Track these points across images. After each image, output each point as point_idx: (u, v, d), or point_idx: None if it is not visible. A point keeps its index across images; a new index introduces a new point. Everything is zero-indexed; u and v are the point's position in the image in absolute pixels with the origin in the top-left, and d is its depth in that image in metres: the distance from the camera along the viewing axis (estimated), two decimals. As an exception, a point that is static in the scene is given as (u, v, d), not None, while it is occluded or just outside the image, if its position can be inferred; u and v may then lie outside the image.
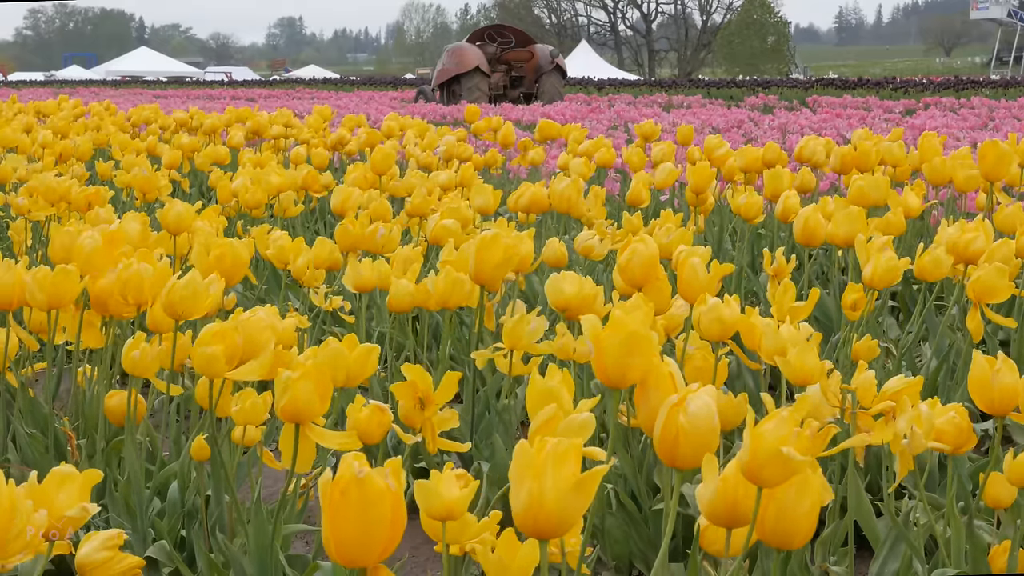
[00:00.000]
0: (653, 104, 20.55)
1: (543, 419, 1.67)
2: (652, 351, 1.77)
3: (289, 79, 51.44)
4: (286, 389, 1.98)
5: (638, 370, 1.77)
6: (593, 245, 3.57)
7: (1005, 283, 2.92)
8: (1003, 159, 4.46)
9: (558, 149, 8.50)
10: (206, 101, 22.54)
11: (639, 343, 1.76)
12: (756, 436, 1.52)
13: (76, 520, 1.57)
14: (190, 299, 2.47)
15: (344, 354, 2.21)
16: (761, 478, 1.52)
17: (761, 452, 1.51)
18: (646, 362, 1.77)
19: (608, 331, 1.77)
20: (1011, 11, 58.99)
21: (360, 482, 1.35)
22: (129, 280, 2.61)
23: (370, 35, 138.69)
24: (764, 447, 1.51)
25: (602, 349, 1.78)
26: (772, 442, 1.50)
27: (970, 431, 2.06)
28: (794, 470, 1.51)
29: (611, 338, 1.77)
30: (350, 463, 1.36)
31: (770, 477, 1.52)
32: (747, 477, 1.53)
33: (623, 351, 1.76)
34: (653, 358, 1.77)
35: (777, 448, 1.49)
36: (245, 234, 4.39)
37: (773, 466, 1.51)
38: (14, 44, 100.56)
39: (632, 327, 1.76)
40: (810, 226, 3.63)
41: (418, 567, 2.76)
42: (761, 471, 1.52)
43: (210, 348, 2.20)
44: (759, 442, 1.51)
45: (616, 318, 1.77)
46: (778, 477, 1.51)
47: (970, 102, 18.27)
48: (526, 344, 2.62)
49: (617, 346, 1.76)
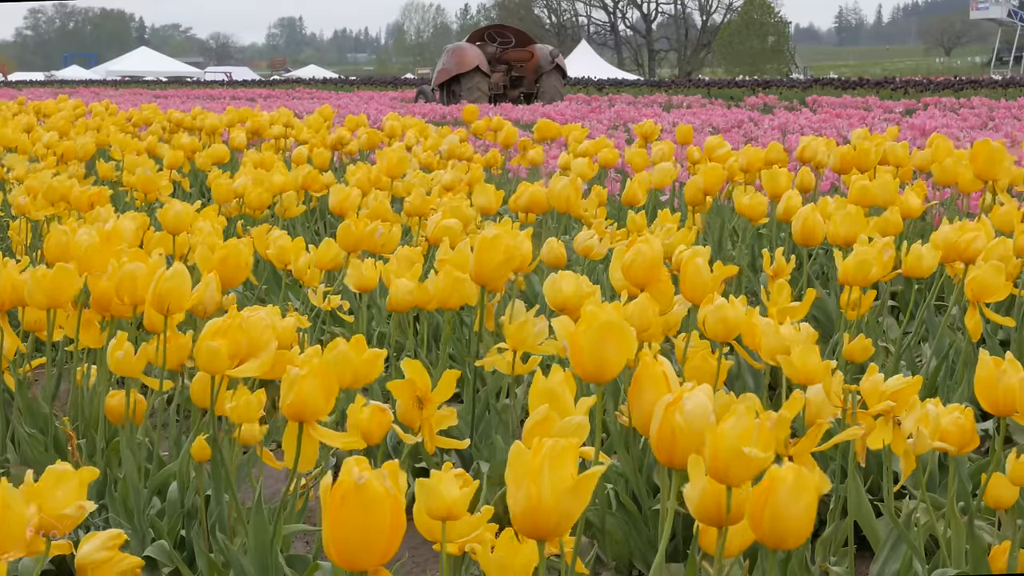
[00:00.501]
0: (653, 104, 20.54)
1: (537, 419, 1.67)
2: (628, 342, 1.77)
3: (289, 79, 51.44)
4: (292, 386, 1.98)
5: (616, 362, 1.77)
6: (592, 245, 3.57)
7: (1002, 282, 2.92)
8: (995, 158, 4.45)
9: (558, 149, 8.50)
10: (206, 101, 22.54)
11: (614, 334, 1.76)
12: (717, 436, 1.52)
13: (73, 518, 1.57)
14: (176, 291, 2.47)
15: (352, 356, 2.22)
16: (727, 477, 1.53)
17: (723, 451, 1.51)
18: (624, 354, 1.77)
19: (581, 326, 1.78)
20: (1011, 11, 58.97)
21: (360, 488, 1.35)
22: (123, 280, 2.61)
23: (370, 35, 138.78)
24: (725, 446, 1.51)
25: (578, 345, 1.78)
26: (733, 441, 1.51)
27: (973, 431, 2.06)
28: (758, 467, 1.51)
29: (585, 332, 1.77)
30: (350, 468, 1.37)
31: (736, 476, 1.52)
32: (714, 477, 1.54)
33: (598, 344, 1.76)
34: (631, 349, 1.77)
35: (738, 448, 1.50)
36: (245, 234, 4.38)
37: (737, 465, 1.51)
38: (14, 44, 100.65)
39: (605, 319, 1.77)
40: (808, 226, 3.63)
41: (418, 567, 2.76)
42: (727, 471, 1.52)
43: (214, 343, 2.19)
44: (720, 441, 1.52)
45: (588, 312, 1.78)
46: (743, 475, 1.52)
47: (970, 102, 18.26)
48: (530, 345, 2.62)
49: (592, 340, 1.77)
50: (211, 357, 2.21)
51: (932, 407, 2.02)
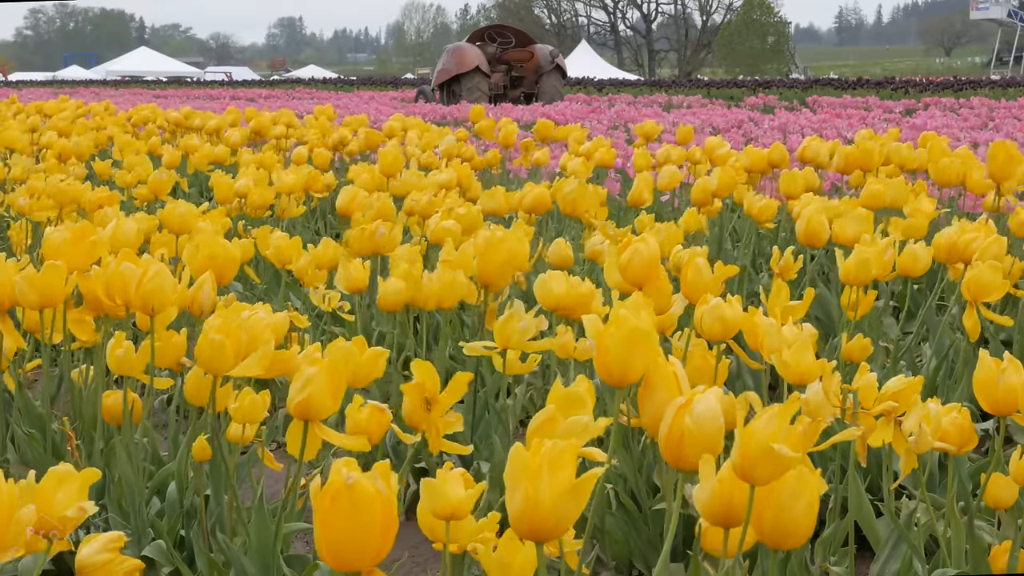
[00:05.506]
0: (653, 104, 20.53)
1: (540, 421, 1.67)
2: (654, 348, 1.77)
3: (289, 79, 51.43)
4: (305, 385, 1.97)
5: (640, 368, 1.77)
6: (602, 250, 3.58)
7: (1000, 281, 2.92)
8: (1013, 159, 4.43)
9: (558, 149, 8.50)
10: (206, 101, 22.54)
11: (641, 340, 1.76)
12: (746, 434, 1.52)
13: (74, 520, 1.57)
14: (158, 291, 2.48)
15: (354, 354, 2.22)
16: (754, 476, 1.52)
17: (752, 450, 1.51)
18: (648, 360, 1.76)
19: (610, 329, 1.77)
20: (1011, 11, 58.96)
21: (349, 489, 1.35)
22: (112, 280, 2.61)
23: (370, 35, 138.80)
24: (755, 444, 1.51)
25: (604, 347, 1.77)
26: (763, 439, 1.50)
27: (972, 431, 2.06)
28: (786, 466, 1.51)
29: (613, 336, 1.76)
30: (339, 469, 1.37)
31: (762, 475, 1.52)
32: (739, 476, 1.53)
33: (625, 348, 1.75)
34: (655, 356, 1.76)
35: (768, 445, 1.49)
36: (246, 234, 4.38)
37: (765, 463, 1.51)
38: (14, 44, 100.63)
39: (634, 324, 1.76)
40: (812, 227, 3.63)
41: (418, 567, 2.76)
42: (753, 469, 1.52)
43: (217, 336, 2.18)
44: (750, 440, 1.51)
45: (618, 316, 1.77)
46: (771, 474, 1.51)
47: (970, 102, 18.24)
48: (517, 342, 2.61)
49: (619, 343, 1.76)
50: (214, 353, 2.19)
51: (933, 406, 2.02)
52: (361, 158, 7.61)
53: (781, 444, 1.49)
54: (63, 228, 2.82)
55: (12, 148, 7.25)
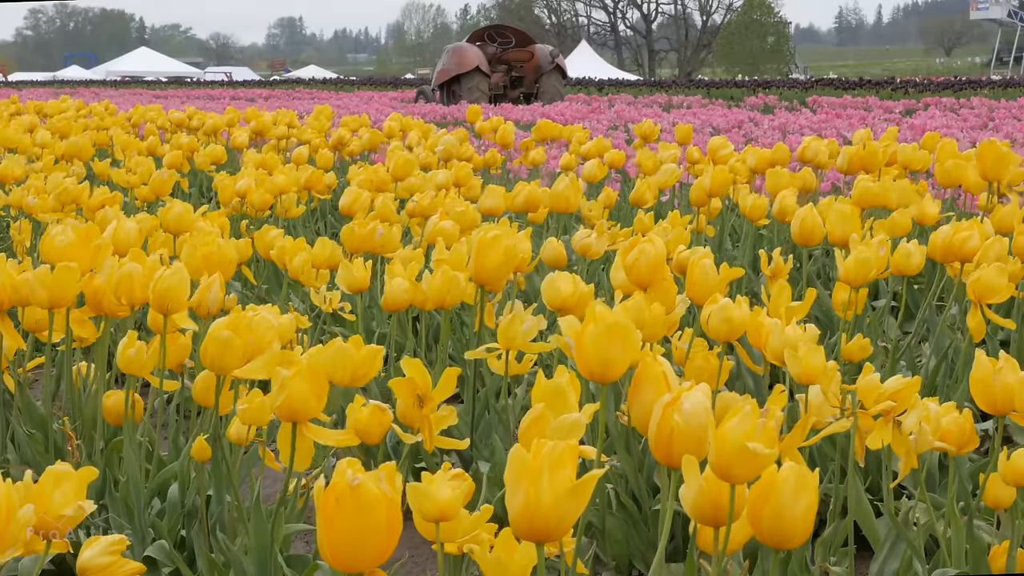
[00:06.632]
0: (653, 104, 20.53)
1: (531, 418, 1.67)
2: (633, 342, 1.77)
3: (289, 79, 51.41)
4: (282, 388, 1.97)
5: (621, 363, 1.77)
6: (590, 244, 3.57)
7: (1005, 283, 2.92)
8: (1002, 159, 4.45)
9: (558, 149, 8.50)
10: (206, 101, 22.53)
11: (620, 335, 1.76)
12: (720, 434, 1.52)
13: (72, 519, 1.57)
14: (174, 290, 2.48)
15: (350, 353, 2.21)
16: (731, 475, 1.53)
17: (727, 449, 1.51)
18: (629, 355, 1.77)
19: (588, 324, 1.78)
20: (1011, 11, 58.96)
21: (354, 490, 1.34)
22: (120, 280, 2.61)
23: (370, 35, 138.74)
24: (729, 444, 1.51)
25: (582, 343, 1.78)
26: (736, 439, 1.51)
27: (972, 432, 2.07)
28: (763, 464, 1.51)
29: (591, 332, 1.77)
30: (344, 470, 1.36)
31: (740, 474, 1.52)
32: (717, 475, 1.54)
33: (604, 344, 1.76)
34: (636, 350, 1.77)
35: (743, 444, 1.50)
36: (248, 234, 4.39)
37: (741, 462, 1.51)
38: (14, 44, 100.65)
39: (613, 319, 1.77)
40: (807, 226, 3.63)
41: (418, 567, 2.76)
42: (730, 468, 1.52)
43: (224, 333, 2.17)
44: (724, 440, 1.52)
45: (596, 311, 1.78)
46: (748, 473, 1.52)
47: (970, 102, 18.25)
48: (521, 343, 2.61)
49: (597, 340, 1.76)
50: (222, 352, 2.17)
51: (933, 406, 2.02)
52: (361, 158, 7.61)
53: (756, 443, 1.50)
54: (66, 229, 2.82)
55: (12, 148, 7.26)
